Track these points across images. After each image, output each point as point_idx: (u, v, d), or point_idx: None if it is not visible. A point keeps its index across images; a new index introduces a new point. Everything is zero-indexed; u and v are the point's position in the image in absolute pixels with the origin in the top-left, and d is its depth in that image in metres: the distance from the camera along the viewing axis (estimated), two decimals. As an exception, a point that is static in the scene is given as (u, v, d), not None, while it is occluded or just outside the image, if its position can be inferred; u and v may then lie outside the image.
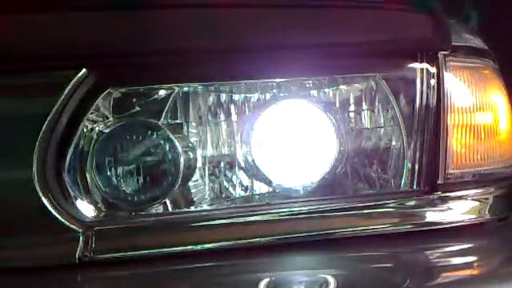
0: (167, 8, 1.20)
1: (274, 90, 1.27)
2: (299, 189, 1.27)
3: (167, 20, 1.20)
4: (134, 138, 1.20)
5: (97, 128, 1.20)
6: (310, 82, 1.29)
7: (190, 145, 1.25)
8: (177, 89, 1.23)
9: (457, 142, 1.29)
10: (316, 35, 1.24)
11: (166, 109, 1.23)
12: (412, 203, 1.29)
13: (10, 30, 1.15)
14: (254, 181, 1.30)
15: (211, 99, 1.28)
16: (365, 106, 1.32)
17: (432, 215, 1.29)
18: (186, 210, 1.25)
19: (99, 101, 1.18)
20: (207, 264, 1.20)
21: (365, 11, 1.28)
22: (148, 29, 1.18)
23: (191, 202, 1.27)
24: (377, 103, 1.31)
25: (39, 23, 1.16)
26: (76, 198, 1.19)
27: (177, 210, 1.25)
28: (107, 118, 1.21)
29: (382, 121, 1.31)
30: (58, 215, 1.16)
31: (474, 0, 3.24)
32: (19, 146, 1.15)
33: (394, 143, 1.30)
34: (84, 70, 1.16)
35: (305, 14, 1.25)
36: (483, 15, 3.18)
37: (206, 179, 1.28)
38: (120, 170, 1.20)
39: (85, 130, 1.19)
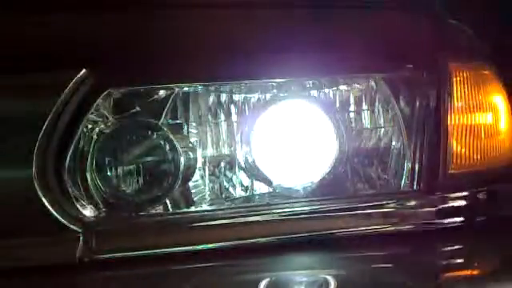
0: (167, 8, 1.21)
1: (275, 91, 1.28)
2: (299, 189, 1.27)
3: (167, 20, 1.20)
4: (134, 138, 1.20)
5: (97, 128, 1.20)
6: (310, 82, 1.29)
7: (190, 145, 1.25)
8: (177, 89, 1.23)
9: (457, 143, 1.29)
10: (316, 36, 1.24)
11: (166, 109, 1.23)
12: (412, 203, 1.28)
13: (10, 30, 1.15)
14: (254, 181, 1.30)
15: (211, 99, 1.28)
16: (365, 107, 1.32)
17: (432, 215, 1.29)
18: (186, 210, 1.26)
19: (99, 101, 1.18)
20: (207, 264, 1.20)
21: (365, 12, 1.28)
22: (148, 29, 1.18)
23: (191, 203, 1.27)
24: (377, 103, 1.31)
25: (39, 23, 1.17)
26: (76, 198, 1.19)
27: (177, 211, 1.25)
28: (107, 118, 1.21)
29: (382, 121, 1.32)
30: (58, 215, 1.16)
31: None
32: (19, 146, 1.15)
33: (394, 143, 1.30)
34: (84, 70, 1.16)
35: (305, 15, 1.25)
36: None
37: (206, 179, 1.28)
38: (120, 170, 1.20)
39: (85, 130, 1.19)
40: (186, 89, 1.24)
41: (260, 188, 1.30)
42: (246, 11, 1.23)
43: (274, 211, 1.25)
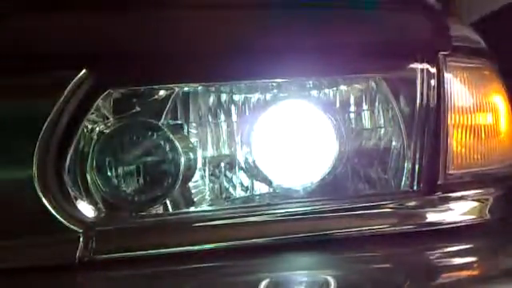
0: (167, 8, 1.21)
1: (275, 91, 1.28)
2: (299, 189, 1.27)
3: (167, 20, 1.20)
4: (135, 138, 1.20)
5: (97, 128, 1.20)
6: (311, 82, 1.29)
7: (191, 145, 1.25)
8: (177, 89, 1.23)
9: (457, 143, 1.29)
10: (316, 36, 1.24)
11: (167, 109, 1.23)
12: (412, 204, 1.28)
13: (10, 31, 1.15)
14: (255, 181, 1.30)
15: (211, 99, 1.28)
16: (365, 107, 1.32)
17: (432, 216, 1.29)
18: (186, 210, 1.25)
19: (99, 101, 1.18)
20: (207, 264, 1.19)
21: (365, 12, 1.28)
22: (148, 29, 1.18)
23: (191, 203, 1.27)
24: (377, 104, 1.31)
25: (39, 23, 1.17)
26: (76, 199, 1.19)
27: (177, 211, 1.25)
28: (107, 118, 1.21)
29: (382, 121, 1.31)
30: (58, 215, 1.16)
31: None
32: (19, 146, 1.15)
33: (394, 144, 1.30)
34: (84, 71, 1.16)
35: (305, 15, 1.25)
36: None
37: (207, 180, 1.28)
38: (120, 170, 1.20)
39: (85, 130, 1.19)
40: (186, 89, 1.24)
41: (260, 188, 1.30)
42: (245, 11, 1.23)
43: (274, 211, 1.25)
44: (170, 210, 1.24)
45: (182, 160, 1.21)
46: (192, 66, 1.20)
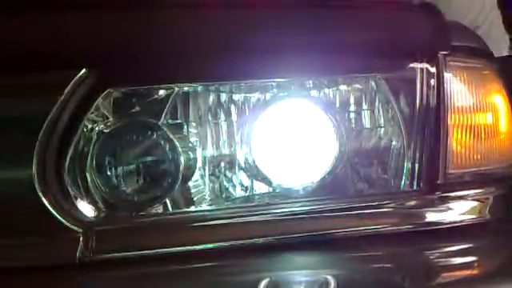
0: (167, 8, 1.21)
1: (274, 90, 1.27)
2: (299, 189, 1.27)
3: (167, 20, 1.20)
4: (134, 138, 1.20)
5: (97, 128, 1.20)
6: (311, 82, 1.29)
7: (190, 145, 1.25)
8: (177, 89, 1.23)
9: (457, 142, 1.30)
10: (316, 35, 1.24)
11: (166, 109, 1.23)
12: (412, 203, 1.29)
13: (10, 30, 1.15)
14: (254, 181, 1.30)
15: (211, 99, 1.28)
16: (365, 106, 1.32)
17: (432, 215, 1.29)
18: (185, 210, 1.25)
19: (99, 101, 1.18)
20: (207, 264, 1.20)
21: (365, 11, 1.28)
22: (148, 29, 1.18)
23: (191, 202, 1.27)
24: (377, 103, 1.31)
25: (39, 23, 1.17)
26: (76, 198, 1.18)
27: (177, 210, 1.24)
28: (107, 118, 1.21)
29: (382, 121, 1.31)
30: (58, 215, 1.16)
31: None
32: (19, 146, 1.15)
33: (394, 143, 1.30)
34: (84, 70, 1.16)
35: (305, 14, 1.25)
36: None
37: (206, 179, 1.28)
38: (120, 170, 1.20)
39: (85, 130, 1.19)
40: (186, 89, 1.24)
41: (260, 188, 1.30)
42: (246, 11, 1.23)
43: (274, 211, 1.25)
44: (170, 209, 1.24)
45: (182, 160, 1.21)
46: (192, 66, 1.20)
